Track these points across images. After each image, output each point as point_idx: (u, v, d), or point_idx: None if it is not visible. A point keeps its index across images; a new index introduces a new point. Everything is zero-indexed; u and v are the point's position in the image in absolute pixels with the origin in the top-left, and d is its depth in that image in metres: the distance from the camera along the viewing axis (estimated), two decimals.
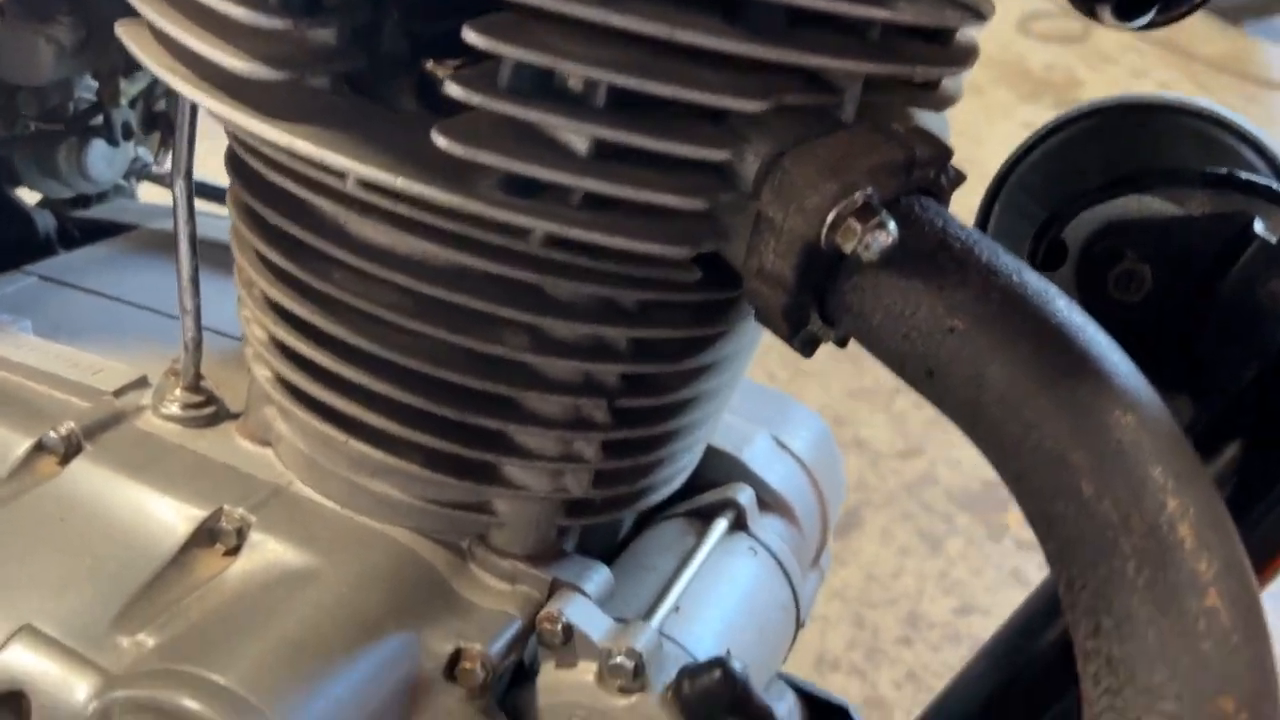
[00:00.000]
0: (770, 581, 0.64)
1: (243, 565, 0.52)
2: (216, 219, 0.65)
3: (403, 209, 0.46)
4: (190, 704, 0.43)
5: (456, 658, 0.51)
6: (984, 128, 2.82)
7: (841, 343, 0.47)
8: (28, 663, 0.46)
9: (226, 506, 0.53)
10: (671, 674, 0.52)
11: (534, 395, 0.51)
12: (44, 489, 0.54)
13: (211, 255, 0.62)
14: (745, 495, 0.66)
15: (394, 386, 0.51)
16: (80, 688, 0.45)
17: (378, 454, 0.53)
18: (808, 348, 0.47)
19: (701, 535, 0.63)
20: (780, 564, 0.66)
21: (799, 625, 0.68)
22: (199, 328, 0.58)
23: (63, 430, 0.55)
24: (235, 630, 0.48)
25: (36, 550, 0.51)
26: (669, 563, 0.61)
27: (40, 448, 0.55)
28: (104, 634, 0.48)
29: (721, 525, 0.64)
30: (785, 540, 0.68)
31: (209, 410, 0.59)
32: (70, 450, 0.55)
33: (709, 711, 0.52)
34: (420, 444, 0.52)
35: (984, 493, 1.93)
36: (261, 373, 0.56)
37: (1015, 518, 1.89)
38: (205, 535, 0.53)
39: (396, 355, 0.50)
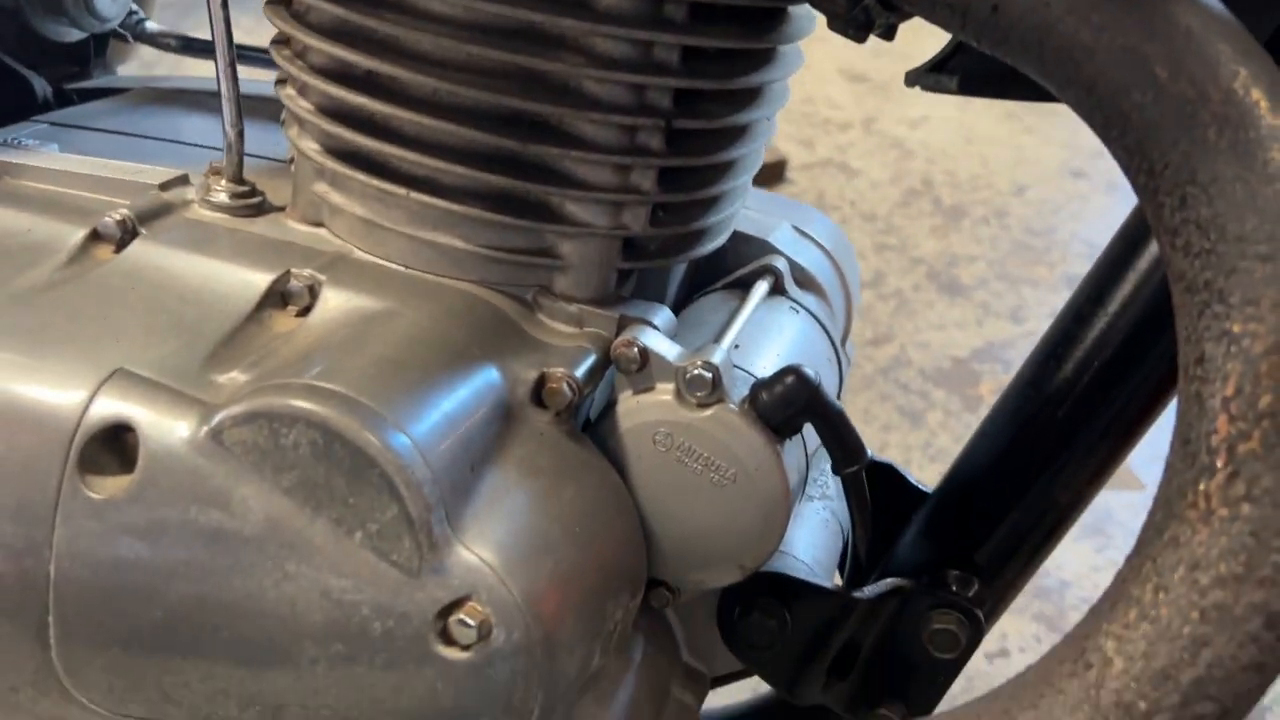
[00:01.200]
0: (814, 335, 0.66)
1: (320, 316, 0.52)
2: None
3: None
4: (304, 405, 0.44)
5: (542, 383, 0.52)
6: None
7: (889, 32, 0.49)
8: (130, 400, 0.46)
9: (294, 269, 0.54)
10: (743, 391, 0.54)
11: (590, 118, 0.52)
12: (107, 267, 0.54)
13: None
14: (780, 263, 0.68)
15: (450, 124, 0.52)
16: (185, 418, 0.46)
17: (439, 202, 0.54)
18: (861, 31, 0.49)
19: (744, 299, 0.65)
20: (820, 323, 0.68)
21: (841, 383, 0.70)
22: (240, 115, 0.58)
23: (117, 216, 0.55)
24: (332, 355, 0.48)
25: (110, 313, 0.51)
26: (720, 316, 0.62)
27: (95, 236, 0.55)
28: (196, 374, 0.48)
29: (763, 287, 0.66)
30: (818, 310, 0.70)
31: (256, 200, 0.59)
32: (126, 236, 0.55)
33: (786, 415, 0.53)
34: (480, 185, 0.53)
35: (955, 369, 1.97)
36: (310, 146, 0.57)
37: (987, 388, 1.93)
38: (277, 297, 0.53)
39: (451, 90, 0.51)
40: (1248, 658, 0.37)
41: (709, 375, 0.53)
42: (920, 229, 2.46)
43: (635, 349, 0.54)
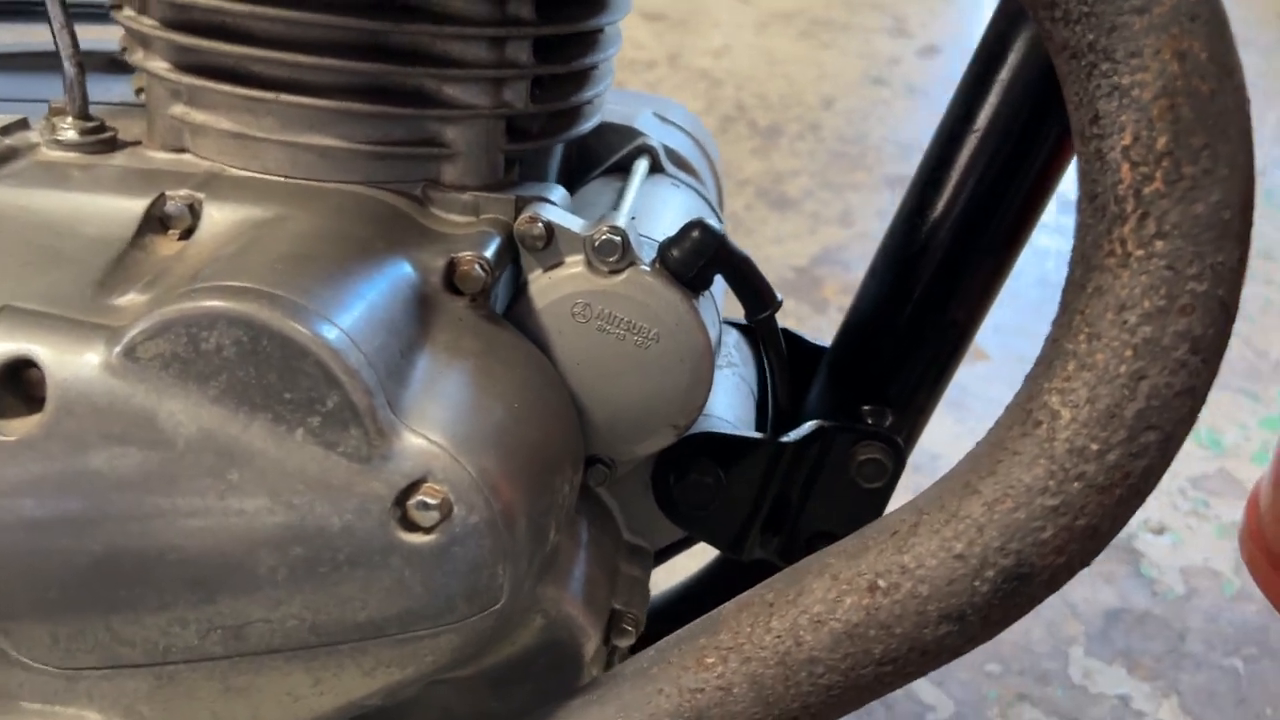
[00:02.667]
0: (700, 205, 0.67)
1: (208, 233, 0.50)
2: None
3: None
4: (222, 304, 0.42)
5: (452, 269, 0.51)
6: None
7: None
8: (24, 335, 0.43)
9: (168, 191, 0.51)
10: (651, 254, 0.55)
11: None
12: None
13: None
14: (653, 143, 0.68)
15: (312, 15, 0.50)
16: (90, 344, 0.43)
17: (311, 101, 0.52)
18: None
19: (626, 179, 0.65)
20: (701, 195, 0.69)
21: None
22: (77, 46, 0.54)
23: None
24: (235, 260, 0.46)
25: None
26: (608, 197, 0.62)
27: None
28: (90, 302, 0.45)
29: (643, 165, 0.66)
30: (695, 185, 0.71)
31: (107, 134, 0.56)
32: None
33: (698, 268, 0.54)
34: (352, 78, 0.52)
35: (798, 278, 2.03)
36: (159, 66, 0.54)
37: (831, 289, 2.00)
38: (155, 222, 0.50)
39: None
40: (1180, 384, 0.40)
41: (618, 239, 0.53)
42: (741, 152, 2.51)
43: (540, 224, 0.53)
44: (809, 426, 0.61)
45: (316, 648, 0.45)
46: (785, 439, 0.61)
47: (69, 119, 0.55)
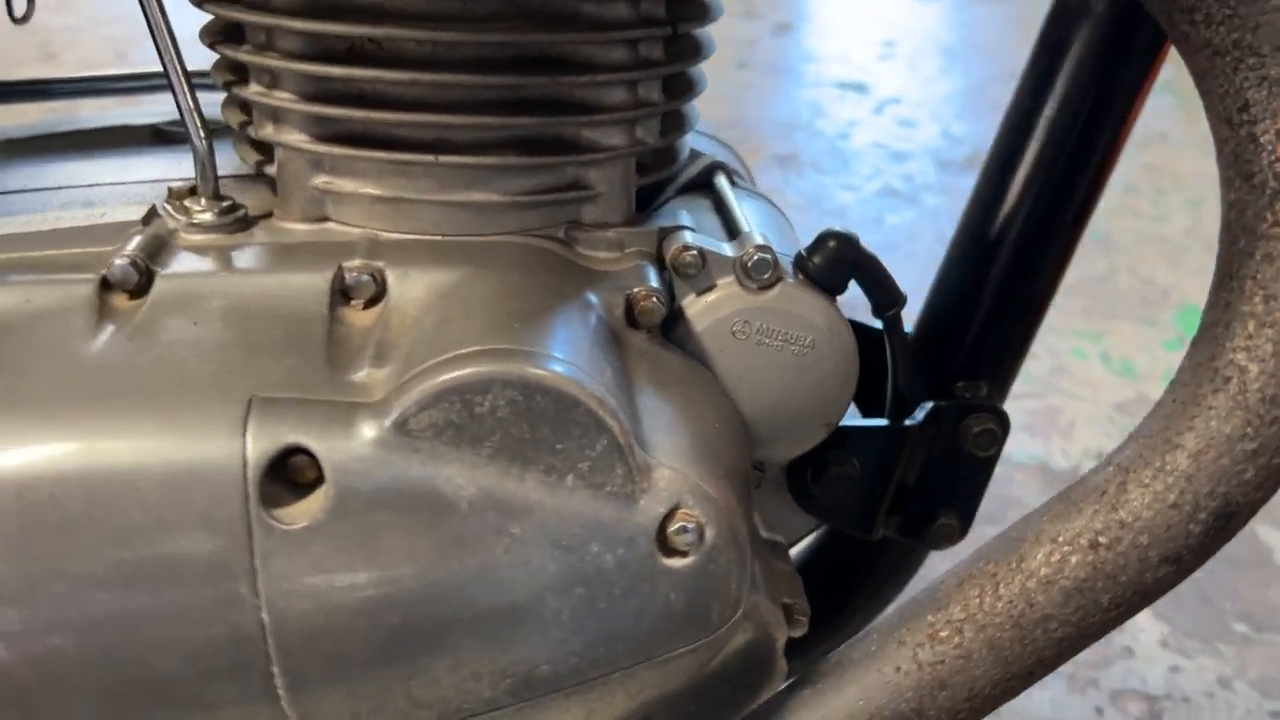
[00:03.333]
0: (773, 212, 0.70)
1: (401, 297, 0.51)
2: None
3: None
4: (495, 368, 0.43)
5: (630, 305, 0.53)
6: None
7: None
8: (286, 424, 0.43)
9: (343, 263, 0.51)
10: (787, 267, 0.58)
11: (597, 40, 0.53)
12: (147, 313, 0.49)
13: None
14: (722, 158, 0.71)
15: (460, 77, 0.51)
16: (355, 423, 0.44)
17: (469, 160, 0.53)
18: None
19: (715, 196, 0.68)
20: (770, 202, 0.72)
21: None
22: (206, 124, 0.54)
23: (123, 260, 0.50)
24: (462, 324, 0.47)
25: (189, 354, 0.47)
26: (708, 216, 0.65)
27: (107, 286, 0.50)
28: (329, 381, 0.46)
29: (724, 181, 0.69)
30: (761, 194, 0.74)
31: (240, 212, 0.56)
32: (142, 276, 0.50)
33: (838, 274, 0.58)
34: (505, 133, 0.53)
35: None
36: (297, 139, 0.54)
37: None
38: (339, 295, 0.51)
39: (450, 42, 0.50)
40: None
41: (769, 257, 0.56)
42: None
43: (693, 252, 0.56)
44: (926, 408, 0.66)
45: (593, 680, 0.47)
46: (908, 422, 0.65)
47: (201, 200, 0.55)
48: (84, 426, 0.43)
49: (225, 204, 0.55)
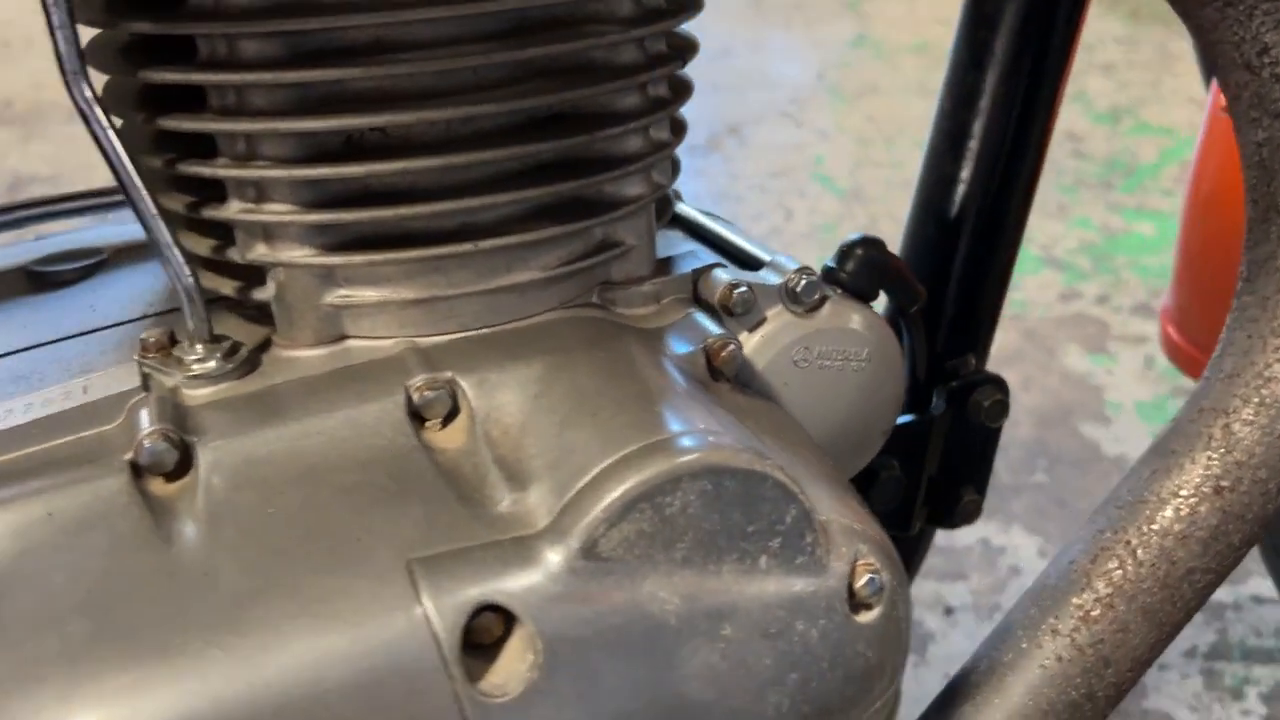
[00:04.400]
0: (730, 228, 0.68)
1: (487, 404, 0.45)
2: None
3: None
4: (680, 461, 0.39)
5: (709, 356, 0.50)
6: None
7: None
8: (462, 582, 0.37)
9: (406, 383, 0.45)
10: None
11: (616, 89, 0.49)
12: (205, 494, 0.41)
13: None
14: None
15: (490, 151, 0.46)
16: (534, 562, 0.38)
17: (510, 240, 0.48)
18: None
19: (682, 223, 0.65)
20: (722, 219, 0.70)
21: None
22: (188, 262, 0.45)
23: (152, 439, 0.42)
24: (586, 427, 0.42)
25: (291, 531, 0.40)
26: (682, 243, 0.62)
27: (139, 473, 0.42)
28: (474, 520, 0.40)
29: (687, 206, 0.66)
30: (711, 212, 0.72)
31: (244, 351, 0.47)
32: (181, 451, 0.42)
33: (871, 280, 0.57)
34: (536, 201, 0.48)
35: None
36: (303, 254, 0.47)
37: None
38: (415, 419, 0.45)
39: (469, 115, 0.45)
40: None
41: (815, 279, 0.54)
42: None
43: (744, 289, 0.53)
44: (940, 394, 0.66)
45: None
46: (931, 412, 0.65)
47: (196, 347, 0.47)
48: (229, 656, 0.35)
49: (226, 345, 0.47)
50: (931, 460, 0.66)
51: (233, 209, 0.47)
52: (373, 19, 0.43)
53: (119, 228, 0.65)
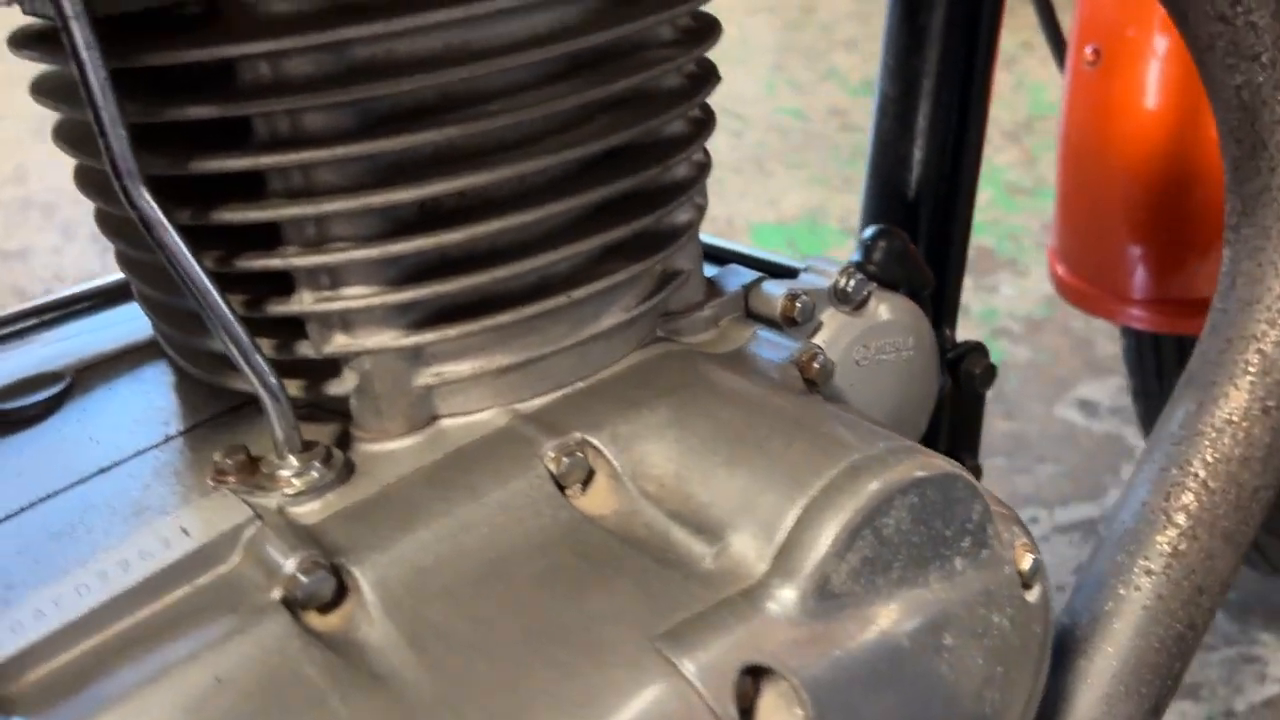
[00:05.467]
0: None
1: (631, 456, 0.42)
2: None
3: None
4: (891, 478, 0.38)
5: (801, 367, 0.49)
6: None
7: None
8: (729, 646, 0.35)
9: (541, 453, 0.42)
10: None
11: (674, 116, 0.47)
12: (384, 617, 0.37)
13: None
14: None
15: (568, 200, 0.43)
16: (778, 609, 0.37)
17: (597, 285, 0.45)
18: None
19: None
20: None
21: None
22: (271, 367, 0.40)
23: (301, 571, 0.37)
24: (760, 462, 0.41)
25: (494, 626, 0.36)
26: None
27: (294, 607, 0.37)
28: (685, 583, 0.38)
29: None
30: None
31: (340, 456, 0.43)
32: (336, 572, 0.38)
33: (898, 269, 0.58)
34: (615, 241, 0.46)
35: None
36: (388, 338, 0.43)
37: None
38: (556, 488, 0.42)
39: (542, 165, 0.42)
40: None
41: (861, 276, 0.54)
42: None
43: (803, 299, 0.52)
44: (945, 360, 0.67)
45: None
46: (940, 386, 0.67)
47: (289, 460, 0.42)
48: None
49: (319, 452, 0.42)
50: (943, 432, 0.68)
51: (306, 301, 0.42)
52: (446, 76, 0.39)
53: (61, 345, 0.58)
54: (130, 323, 0.58)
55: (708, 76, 0.49)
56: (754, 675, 0.36)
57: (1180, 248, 0.90)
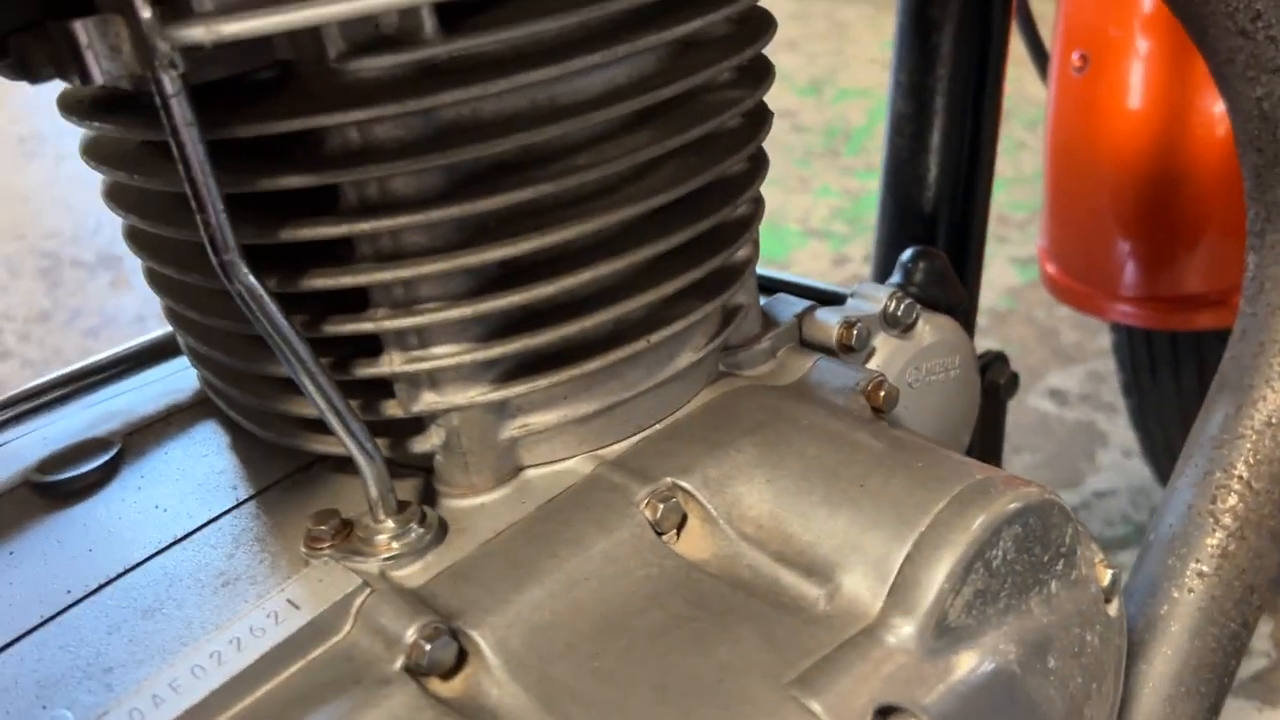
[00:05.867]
0: None
1: (723, 502, 0.43)
2: None
3: None
4: (998, 509, 0.39)
5: (867, 395, 0.50)
6: None
7: None
8: (857, 688, 0.36)
9: (633, 502, 0.42)
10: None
11: (738, 155, 0.48)
12: (513, 677, 0.37)
13: None
14: None
15: (648, 246, 0.44)
16: (900, 648, 0.37)
17: (673, 327, 0.46)
18: None
19: None
20: None
21: None
22: (363, 425, 0.40)
23: (430, 642, 0.37)
24: (866, 501, 0.41)
25: (642, 674, 0.36)
26: None
27: (416, 674, 0.37)
28: (805, 627, 0.38)
29: None
30: None
31: (434, 515, 0.43)
32: (448, 652, 0.37)
33: (938, 288, 0.59)
34: (687, 282, 0.46)
35: None
36: (475, 394, 0.42)
37: None
38: (656, 536, 0.42)
39: (618, 212, 0.42)
40: None
41: (910, 300, 0.55)
42: None
43: (860, 327, 0.53)
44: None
45: None
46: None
47: (386, 523, 0.41)
48: None
49: (414, 513, 0.42)
50: (975, 441, 0.69)
51: (395, 362, 0.42)
52: (539, 135, 0.39)
53: (102, 409, 0.56)
54: (171, 379, 0.57)
55: (764, 115, 0.50)
56: (884, 715, 0.37)
57: (1168, 244, 0.92)
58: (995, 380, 0.70)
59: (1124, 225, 0.93)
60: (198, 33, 0.31)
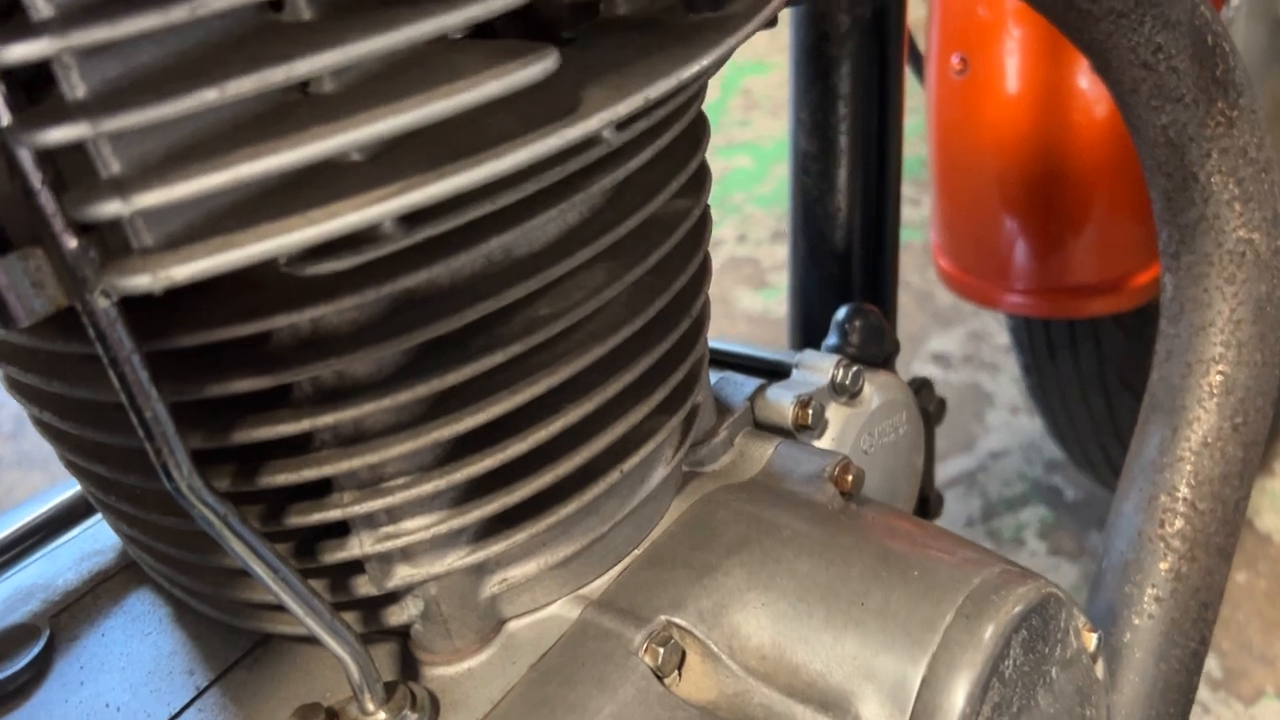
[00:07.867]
0: None
1: (722, 637, 0.42)
2: None
3: None
4: (1003, 617, 0.39)
5: (835, 480, 0.49)
6: None
7: None
8: None
9: (631, 648, 0.41)
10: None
11: (694, 266, 0.46)
12: None
13: None
14: None
15: (624, 371, 0.42)
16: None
17: (645, 449, 0.44)
18: None
19: None
20: None
21: None
22: (345, 623, 0.37)
23: None
24: (871, 621, 0.41)
25: None
26: None
27: None
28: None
29: None
30: None
31: (424, 693, 0.40)
32: None
33: (877, 345, 0.58)
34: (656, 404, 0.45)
35: None
36: (452, 559, 0.40)
37: None
38: (660, 684, 0.41)
39: (617, 336, 0.41)
40: None
41: (856, 366, 0.55)
42: None
43: (814, 406, 0.52)
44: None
45: None
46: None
47: (378, 714, 0.39)
48: None
49: (402, 696, 0.39)
50: None
51: (366, 544, 0.39)
52: (504, 299, 0.37)
53: (16, 588, 0.52)
54: (86, 535, 0.53)
55: (705, 217, 0.48)
56: None
57: (1057, 232, 0.94)
58: (924, 408, 0.71)
59: (1012, 214, 0.95)
60: (143, 281, 0.27)
